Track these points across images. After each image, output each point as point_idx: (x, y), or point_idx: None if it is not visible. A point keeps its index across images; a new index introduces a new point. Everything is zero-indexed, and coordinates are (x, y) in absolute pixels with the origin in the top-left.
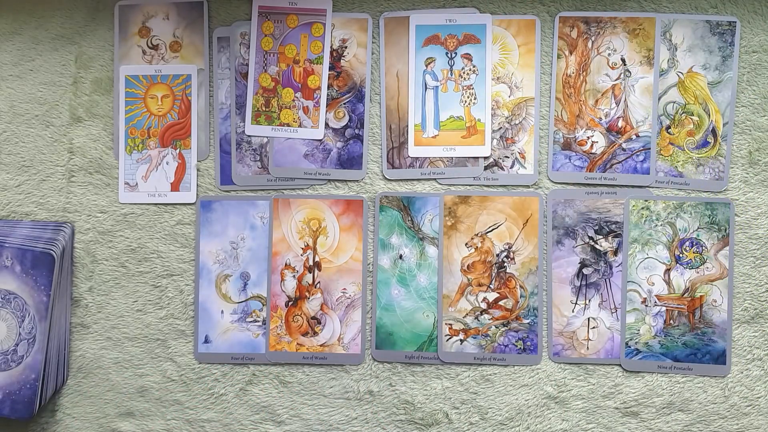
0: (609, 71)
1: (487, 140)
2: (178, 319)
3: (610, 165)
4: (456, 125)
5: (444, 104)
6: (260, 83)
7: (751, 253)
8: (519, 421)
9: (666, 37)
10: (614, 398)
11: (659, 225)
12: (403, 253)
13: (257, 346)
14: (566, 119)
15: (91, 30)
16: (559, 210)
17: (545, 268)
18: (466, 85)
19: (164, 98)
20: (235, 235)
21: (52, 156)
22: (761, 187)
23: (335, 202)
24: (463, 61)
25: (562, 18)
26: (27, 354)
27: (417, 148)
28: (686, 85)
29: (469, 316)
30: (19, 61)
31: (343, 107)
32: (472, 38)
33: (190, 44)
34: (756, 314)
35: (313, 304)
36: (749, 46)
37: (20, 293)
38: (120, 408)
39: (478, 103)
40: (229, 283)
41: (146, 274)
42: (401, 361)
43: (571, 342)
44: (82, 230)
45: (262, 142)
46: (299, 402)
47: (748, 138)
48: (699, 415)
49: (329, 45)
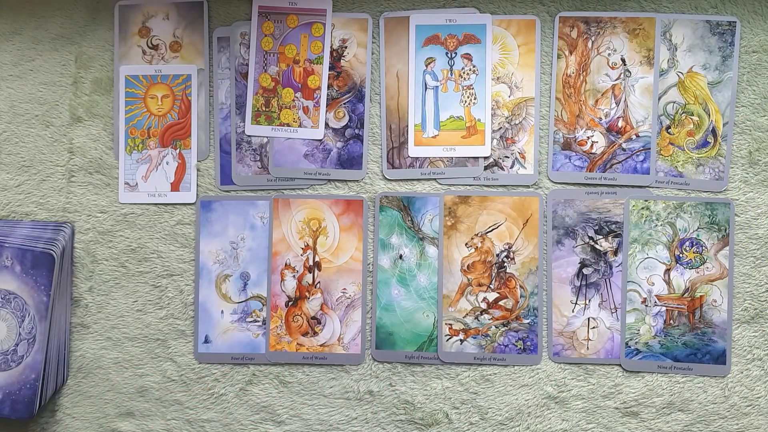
0: (609, 71)
1: (487, 140)
2: (178, 319)
3: (610, 165)
4: (456, 125)
5: (444, 104)
6: (260, 83)
7: (751, 253)
8: (519, 421)
9: (666, 37)
10: (614, 398)
11: (659, 225)
12: (403, 253)
13: (257, 346)
14: (566, 119)
15: (91, 30)
16: (559, 210)
17: (545, 268)
18: (466, 85)
19: (164, 98)
20: (235, 235)
21: (52, 156)
22: (761, 187)
23: (335, 202)
24: (463, 61)
25: (562, 18)
26: (27, 354)
27: (417, 148)
28: (686, 85)
29: (469, 316)
30: (19, 61)
31: (343, 107)
32: (472, 38)
33: (190, 44)
34: (756, 314)
35: (313, 304)
36: (749, 46)
37: (20, 293)
38: (120, 408)
39: (478, 103)
40: (229, 283)
41: (146, 274)
42: (401, 361)
43: (571, 342)
44: (82, 230)
45: (262, 142)
46: (299, 402)
47: (748, 138)
48: (699, 415)
49: (329, 45)
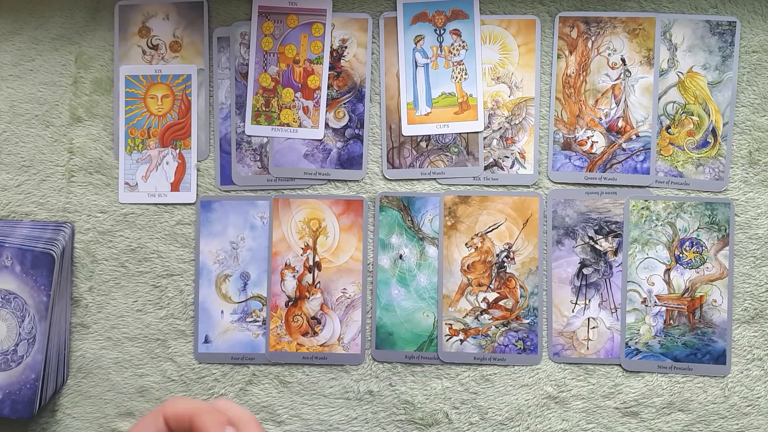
0: (609, 71)
1: (479, 115)
2: (178, 319)
3: (610, 165)
4: (448, 101)
5: (435, 81)
6: (260, 83)
7: (751, 253)
8: (519, 421)
9: (666, 37)
10: (614, 398)
11: (659, 225)
12: (403, 253)
13: (257, 346)
14: (566, 119)
15: (91, 30)
16: (559, 210)
17: (545, 268)
18: (456, 61)
19: (164, 98)
20: (235, 235)
21: (52, 156)
22: (761, 187)
23: (335, 202)
24: (452, 37)
25: (562, 18)
26: (27, 354)
27: (410, 127)
28: (686, 85)
29: (469, 316)
30: (19, 61)
31: (343, 107)
32: (460, 14)
33: (190, 44)
34: (756, 314)
35: (313, 304)
36: (749, 46)
37: (20, 293)
38: (120, 408)
39: (468, 79)
40: (229, 283)
41: (146, 274)
42: (401, 361)
43: (571, 342)
44: (82, 230)
45: (262, 142)
46: (299, 402)
47: (748, 138)
48: (699, 415)
49: (329, 45)
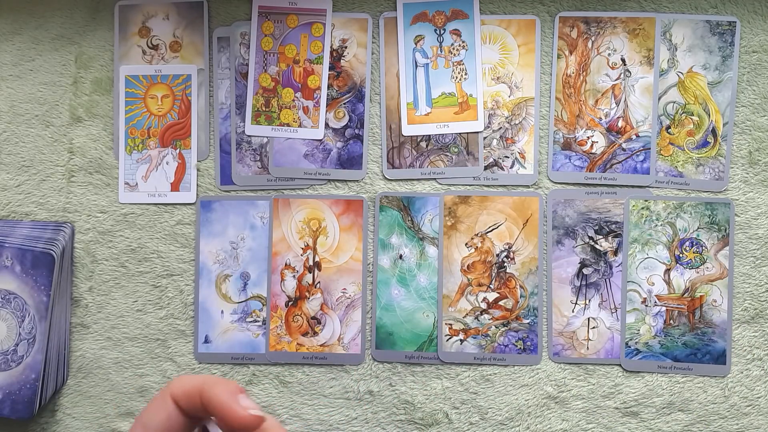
0: (609, 71)
1: (479, 115)
2: (178, 319)
3: (610, 165)
4: (448, 101)
5: (435, 81)
6: (260, 83)
7: (751, 253)
8: (519, 421)
9: (666, 37)
10: (614, 398)
11: (659, 225)
12: (403, 253)
13: (257, 346)
14: (566, 119)
15: (91, 30)
16: (559, 210)
17: (545, 268)
18: (456, 61)
19: (164, 98)
20: (235, 235)
21: (52, 156)
22: (761, 187)
23: (335, 202)
24: (452, 37)
25: (562, 18)
26: (27, 354)
27: (410, 127)
28: (686, 85)
29: (469, 316)
30: (19, 61)
31: (343, 107)
32: (460, 13)
33: (190, 44)
34: (756, 314)
35: (313, 304)
36: (749, 46)
37: (20, 293)
38: (120, 408)
39: (468, 79)
40: (229, 283)
41: (146, 274)
42: (401, 361)
43: (571, 342)
44: (82, 230)
45: (262, 142)
46: (299, 402)
47: (748, 138)
48: (699, 415)
49: (329, 45)
